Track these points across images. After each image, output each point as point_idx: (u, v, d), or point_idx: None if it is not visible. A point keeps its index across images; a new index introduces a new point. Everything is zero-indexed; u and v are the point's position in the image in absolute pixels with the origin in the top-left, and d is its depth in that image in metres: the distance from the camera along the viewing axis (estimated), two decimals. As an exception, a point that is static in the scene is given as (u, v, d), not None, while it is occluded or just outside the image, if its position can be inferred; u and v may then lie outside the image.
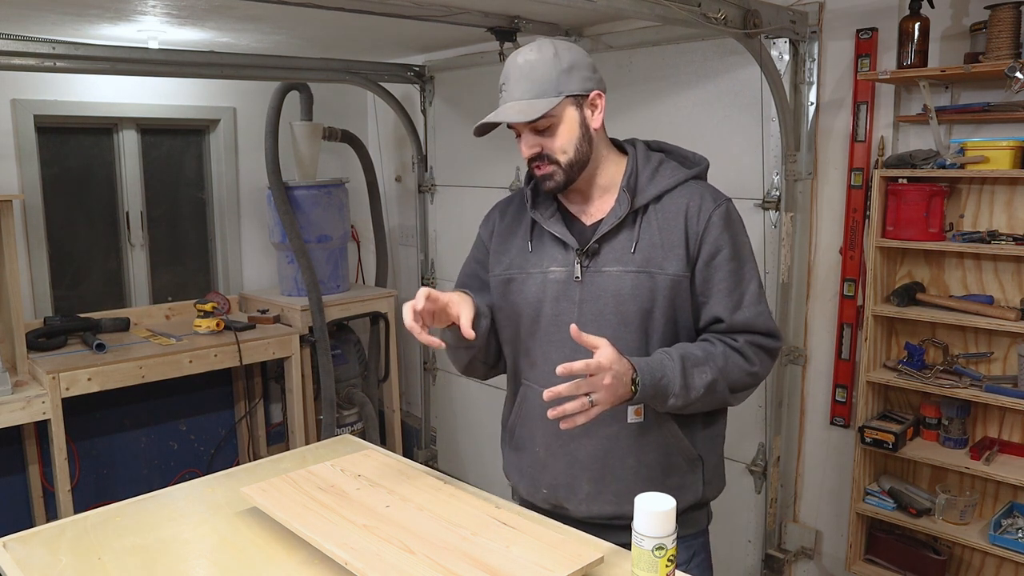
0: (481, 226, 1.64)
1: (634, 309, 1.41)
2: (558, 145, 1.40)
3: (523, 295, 1.50)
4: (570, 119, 1.40)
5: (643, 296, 1.41)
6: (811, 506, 2.74)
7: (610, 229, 1.43)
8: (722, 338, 1.43)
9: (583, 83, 1.40)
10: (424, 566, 1.19)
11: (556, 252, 1.48)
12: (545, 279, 1.47)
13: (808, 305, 2.65)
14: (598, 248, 1.44)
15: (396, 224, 4.22)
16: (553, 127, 1.40)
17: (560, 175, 1.42)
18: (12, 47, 2.66)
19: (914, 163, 2.20)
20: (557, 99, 1.37)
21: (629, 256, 1.42)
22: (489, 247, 1.59)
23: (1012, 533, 2.14)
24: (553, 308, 1.46)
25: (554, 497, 1.51)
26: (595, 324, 1.41)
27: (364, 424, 3.71)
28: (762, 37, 2.27)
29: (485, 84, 3.51)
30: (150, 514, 1.48)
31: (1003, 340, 2.23)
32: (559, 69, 1.38)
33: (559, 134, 1.40)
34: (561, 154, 1.41)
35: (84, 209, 3.44)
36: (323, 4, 2.21)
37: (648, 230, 1.43)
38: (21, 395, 2.69)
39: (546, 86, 1.37)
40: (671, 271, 1.41)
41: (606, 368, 1.25)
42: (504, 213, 1.60)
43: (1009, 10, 1.99)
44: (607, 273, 1.43)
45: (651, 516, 1.10)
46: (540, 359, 1.49)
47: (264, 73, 3.30)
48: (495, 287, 1.55)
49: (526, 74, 1.38)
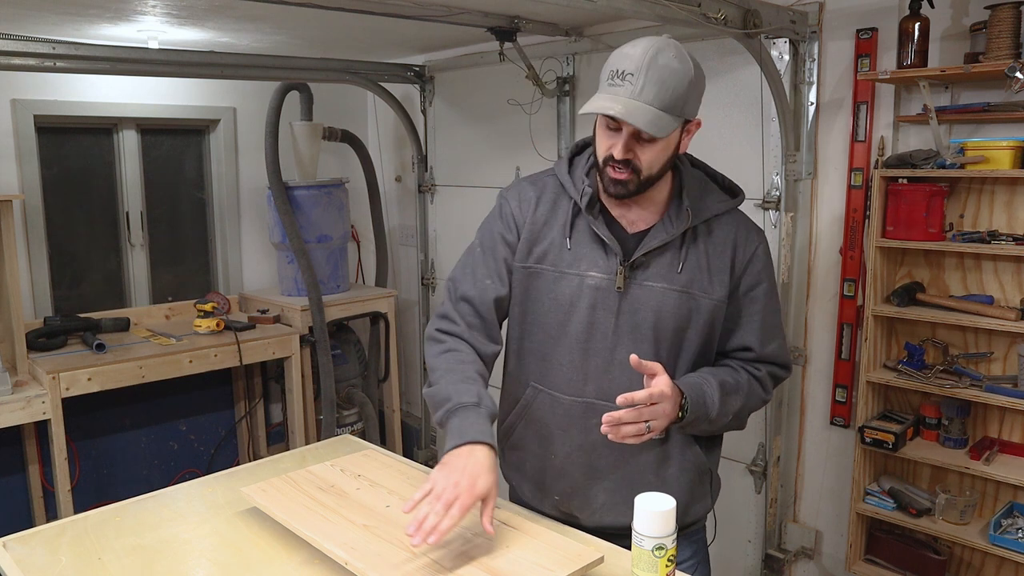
0: (510, 205, 1.48)
1: (672, 327, 1.40)
2: (649, 160, 1.34)
3: (553, 295, 1.43)
4: (672, 139, 1.34)
5: (682, 316, 1.40)
6: (811, 506, 2.74)
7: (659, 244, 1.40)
8: (745, 366, 1.46)
9: (696, 108, 1.36)
10: (424, 566, 1.19)
11: (596, 256, 1.41)
12: (582, 283, 1.41)
13: (808, 305, 2.65)
14: (645, 261, 1.40)
15: (396, 224, 4.22)
16: (656, 142, 1.32)
17: (634, 185, 1.36)
18: (12, 47, 2.66)
19: (914, 163, 2.20)
20: (679, 121, 1.31)
21: (675, 274, 1.40)
22: (522, 233, 1.46)
23: (1012, 533, 2.14)
24: (588, 315, 1.40)
25: (566, 505, 1.48)
26: (631, 337, 1.40)
27: (364, 424, 3.71)
28: (762, 37, 2.27)
29: (485, 84, 3.52)
30: (150, 514, 1.48)
31: (1003, 340, 2.23)
32: (691, 89, 1.31)
33: (656, 150, 1.33)
34: (647, 168, 1.35)
35: (84, 209, 3.44)
36: (323, 4, 2.21)
37: (695, 252, 1.41)
38: (21, 395, 2.69)
39: (676, 102, 1.29)
40: (715, 296, 1.41)
41: (668, 396, 1.27)
42: (539, 200, 1.47)
43: (1009, 10, 1.99)
44: (650, 288, 1.39)
45: (651, 516, 1.11)
46: (565, 364, 1.43)
47: (264, 73, 3.30)
48: (519, 277, 1.46)
49: (664, 79, 1.27)
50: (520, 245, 1.46)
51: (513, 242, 1.47)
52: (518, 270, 1.46)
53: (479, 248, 1.50)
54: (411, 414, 4.24)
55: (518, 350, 1.50)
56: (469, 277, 1.48)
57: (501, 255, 1.47)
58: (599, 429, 1.30)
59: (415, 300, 4.10)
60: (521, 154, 3.36)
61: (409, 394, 4.27)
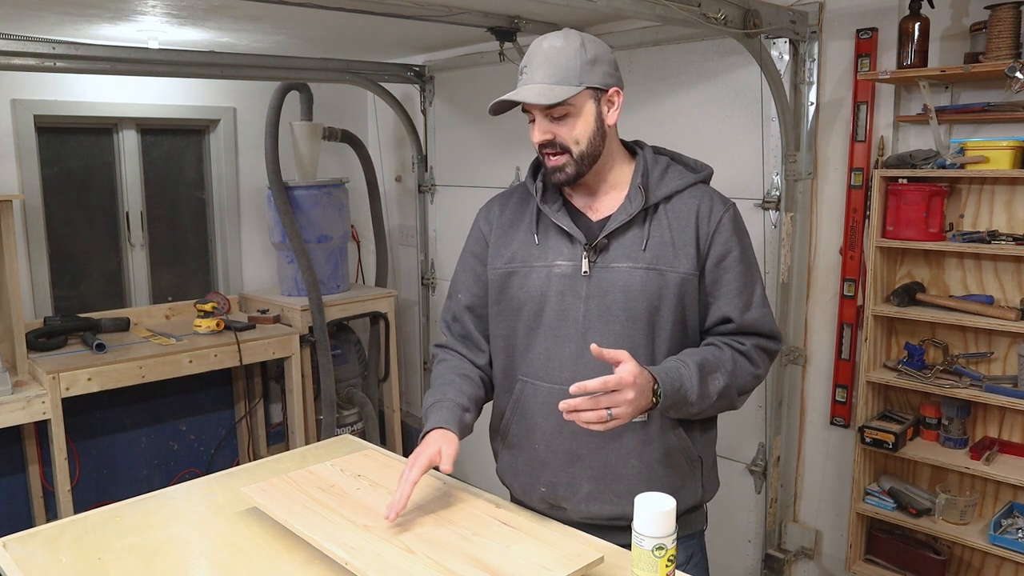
0: (479, 219, 1.60)
1: (643, 306, 1.41)
2: (572, 135, 1.39)
3: (525, 289, 1.47)
4: (587, 111, 1.39)
5: (652, 293, 1.41)
6: (811, 506, 2.74)
7: (619, 226, 1.42)
8: (728, 341, 1.44)
9: (604, 78, 1.40)
10: (424, 566, 1.19)
11: (562, 246, 1.45)
12: (550, 273, 1.45)
13: (808, 305, 2.65)
14: (607, 243, 1.43)
15: (396, 224, 4.22)
16: (569, 116, 1.38)
17: (571, 167, 1.41)
18: (12, 47, 2.66)
19: (914, 163, 2.20)
20: (578, 88, 1.36)
21: (639, 253, 1.42)
22: (489, 240, 1.56)
23: (1012, 533, 2.14)
24: (558, 303, 1.44)
25: (552, 496, 1.49)
26: (602, 320, 1.41)
27: (364, 424, 3.71)
28: (762, 37, 2.27)
29: (485, 84, 3.51)
30: (150, 514, 1.48)
31: (1003, 340, 2.23)
32: (583, 59, 1.37)
33: (574, 124, 1.39)
34: (574, 144, 1.39)
35: (84, 209, 3.44)
36: (323, 4, 2.21)
37: (659, 228, 1.43)
38: (21, 395, 2.69)
39: (568, 74, 1.36)
40: (682, 270, 1.42)
41: (628, 383, 1.24)
42: (505, 206, 1.57)
43: (1009, 10, 1.99)
44: (616, 269, 1.42)
45: (651, 516, 1.10)
46: (542, 354, 1.46)
47: (264, 73, 3.30)
48: (493, 281, 1.52)
49: (550, 59, 1.36)
50: (491, 251, 1.54)
51: (481, 252, 1.57)
52: (494, 273, 1.52)
53: (459, 266, 1.63)
54: (411, 414, 4.24)
55: (505, 348, 1.53)
56: (452, 296, 1.63)
57: (470, 267, 1.59)
58: None
59: (415, 300, 4.10)
60: (521, 154, 3.36)
61: (409, 394, 4.27)
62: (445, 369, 1.55)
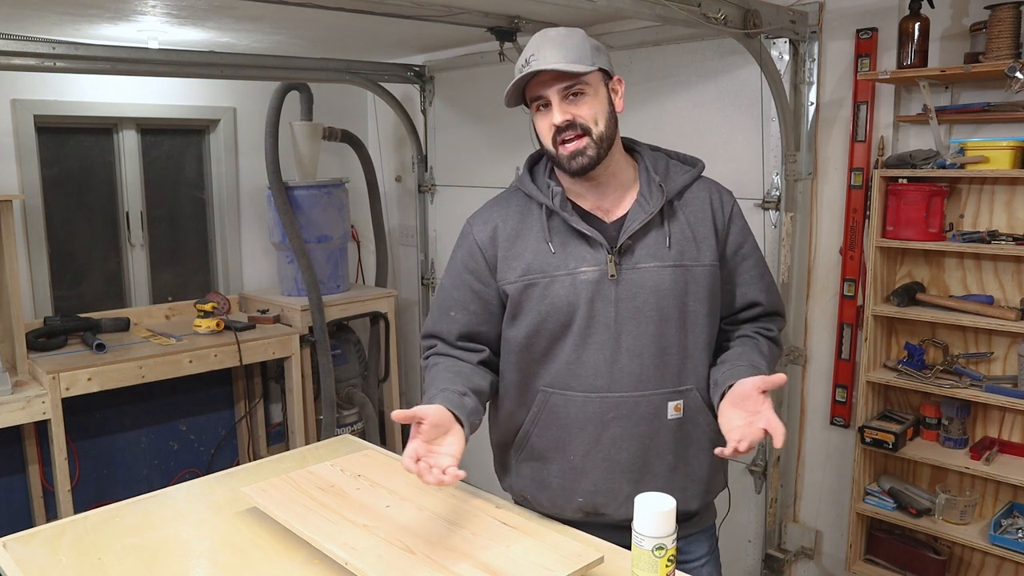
0: (472, 233, 1.52)
1: (674, 303, 1.41)
2: (591, 113, 1.37)
3: (548, 299, 1.42)
4: (601, 93, 1.39)
5: (681, 289, 1.42)
6: (811, 506, 2.74)
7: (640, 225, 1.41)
8: (760, 330, 1.51)
9: (609, 65, 1.42)
10: (424, 566, 1.19)
11: (583, 252, 1.41)
12: (575, 281, 1.40)
13: (808, 305, 2.65)
14: (631, 245, 1.42)
15: (396, 224, 4.22)
16: (586, 95, 1.36)
17: (592, 149, 1.37)
18: (12, 47, 2.66)
19: (914, 163, 2.20)
20: (592, 67, 1.36)
21: (665, 251, 1.42)
22: (488, 255, 1.48)
23: (1012, 533, 2.14)
24: (588, 309, 1.40)
25: (591, 504, 1.46)
26: (634, 322, 1.40)
27: (364, 424, 3.71)
28: (762, 37, 2.27)
29: (485, 84, 3.51)
30: (150, 514, 1.48)
31: (1003, 340, 2.23)
32: (591, 44, 1.39)
33: (592, 104, 1.37)
34: (593, 124, 1.37)
35: (84, 209, 3.44)
36: (323, 4, 2.21)
37: (678, 224, 1.44)
38: (21, 395, 2.69)
39: (581, 54, 1.36)
40: (705, 262, 1.44)
41: (766, 405, 1.29)
42: (505, 217, 1.49)
43: (1009, 10, 1.99)
44: (644, 269, 1.41)
45: (651, 516, 1.11)
46: (571, 363, 1.42)
47: (264, 73, 3.30)
48: (512, 294, 1.44)
49: (560, 42, 1.36)
50: (500, 265, 1.47)
51: (477, 268, 1.49)
52: (508, 288, 1.45)
53: (447, 280, 1.55)
54: (411, 414, 4.24)
55: (521, 362, 1.48)
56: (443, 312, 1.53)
57: (465, 283, 1.50)
58: (615, 421, 1.40)
59: (415, 300, 4.10)
60: (521, 154, 3.31)
61: (409, 394, 4.27)
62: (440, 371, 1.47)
